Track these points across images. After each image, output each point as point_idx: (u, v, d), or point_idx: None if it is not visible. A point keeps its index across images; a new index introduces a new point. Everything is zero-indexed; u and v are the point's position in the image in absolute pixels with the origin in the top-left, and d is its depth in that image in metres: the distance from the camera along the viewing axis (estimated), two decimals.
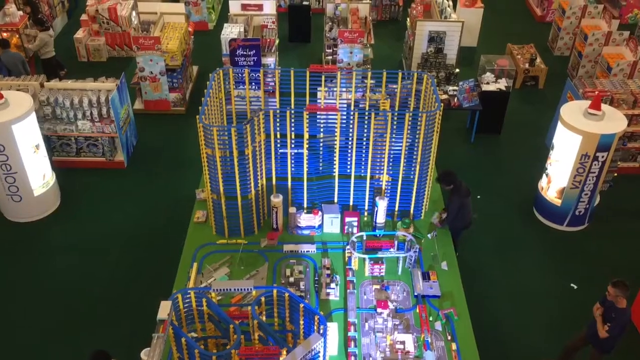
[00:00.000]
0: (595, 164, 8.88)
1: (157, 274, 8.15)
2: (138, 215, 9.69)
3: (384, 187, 7.60)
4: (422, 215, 7.91)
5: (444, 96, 11.31)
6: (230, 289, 5.62)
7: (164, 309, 5.09)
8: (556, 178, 9.36)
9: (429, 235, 7.55)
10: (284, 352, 4.98)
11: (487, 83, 11.55)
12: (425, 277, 6.93)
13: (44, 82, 10.31)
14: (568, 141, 8.94)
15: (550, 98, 12.52)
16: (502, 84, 11.53)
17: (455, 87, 11.49)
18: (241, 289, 5.65)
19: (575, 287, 8.60)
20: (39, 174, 9.38)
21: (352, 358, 5.99)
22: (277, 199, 7.37)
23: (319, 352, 5.11)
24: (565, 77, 11.73)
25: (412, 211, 7.80)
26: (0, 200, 9.47)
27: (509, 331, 7.94)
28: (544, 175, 9.64)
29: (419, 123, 7.05)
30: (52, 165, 9.84)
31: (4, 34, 12.33)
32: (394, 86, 8.06)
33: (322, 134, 7.41)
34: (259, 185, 7.42)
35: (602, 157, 8.81)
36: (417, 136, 7.17)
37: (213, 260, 7.20)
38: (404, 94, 8.10)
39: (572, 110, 9.11)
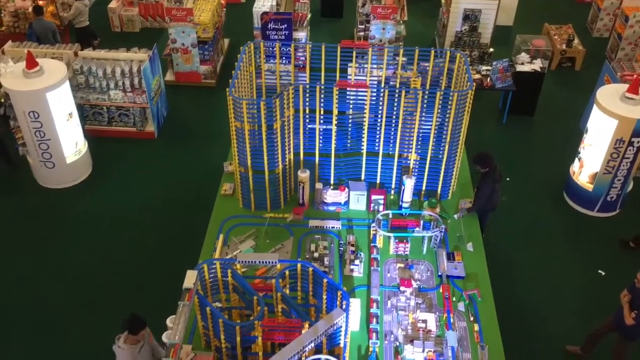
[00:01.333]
0: (630, 149, 8.68)
1: (184, 244, 8.26)
2: (166, 185, 9.82)
3: (411, 166, 7.56)
4: (449, 196, 7.85)
5: (477, 76, 11.13)
6: (255, 262, 5.68)
7: (190, 278, 5.18)
8: (589, 163, 9.19)
9: (455, 216, 7.50)
10: (306, 326, 5.03)
11: (522, 63, 11.32)
12: (450, 257, 6.91)
13: (77, 51, 10.43)
14: (603, 125, 8.75)
15: (586, 81, 12.23)
16: (537, 65, 11.29)
17: (488, 67, 11.29)
18: (266, 262, 5.71)
19: (603, 273, 8.49)
20: (71, 142, 9.56)
21: (374, 334, 6.03)
22: (304, 174, 7.39)
23: (340, 327, 5.16)
24: (603, 59, 11.43)
25: (439, 191, 7.75)
26: (34, 167, 9.69)
27: (533, 315, 7.90)
28: (576, 159, 9.47)
29: (449, 102, 6.96)
30: (84, 134, 10.01)
31: (40, 2, 12.47)
32: (426, 64, 7.96)
33: (351, 110, 7.37)
34: (287, 160, 7.44)
35: (638, 142, 8.61)
36: (447, 116, 7.09)
37: (239, 232, 7.26)
38: (436, 72, 7.99)
39: (608, 94, 8.89)
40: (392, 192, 7.87)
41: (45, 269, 8.44)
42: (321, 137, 7.39)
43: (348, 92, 7.29)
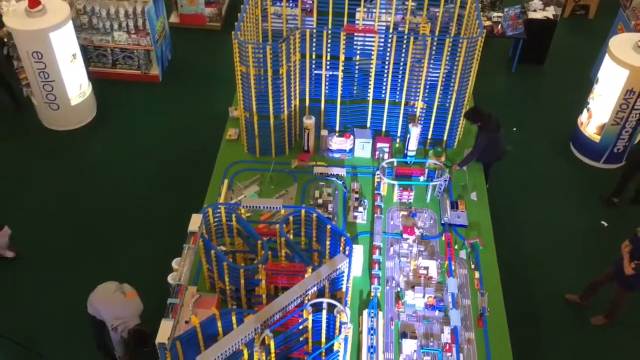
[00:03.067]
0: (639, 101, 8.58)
1: (189, 188, 8.32)
2: (171, 129, 9.81)
3: (418, 114, 7.50)
4: (455, 145, 7.82)
5: (488, 22, 10.89)
6: (259, 207, 5.73)
7: (195, 222, 5.23)
8: (597, 113, 9.10)
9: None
10: (309, 270, 5.11)
11: (534, 10, 11.06)
12: (454, 206, 6.94)
13: None
14: (614, 75, 8.62)
15: (600, 29, 11.95)
16: (550, 12, 11.03)
17: (500, 14, 11.04)
18: (270, 207, 5.75)
19: (606, 224, 8.54)
20: (75, 83, 9.50)
21: (376, 280, 6.13)
22: (309, 121, 7.35)
23: (343, 272, 5.24)
24: (617, 7, 11.13)
25: (445, 140, 7.72)
26: (39, 108, 9.67)
27: (534, 265, 8.00)
28: (585, 110, 9.37)
29: (459, 49, 6.85)
30: (88, 76, 9.93)
31: None
32: (436, 10, 7.78)
33: (358, 56, 7.27)
34: (292, 105, 7.39)
35: None
36: (456, 63, 6.98)
37: (244, 178, 7.29)
38: (446, 18, 7.82)
39: (621, 43, 8.72)
40: (398, 140, 7.84)
41: (47, 209, 8.51)
42: (327, 84, 7.32)
43: (355, 38, 7.17)
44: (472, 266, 6.38)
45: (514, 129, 9.75)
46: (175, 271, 4.96)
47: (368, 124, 7.74)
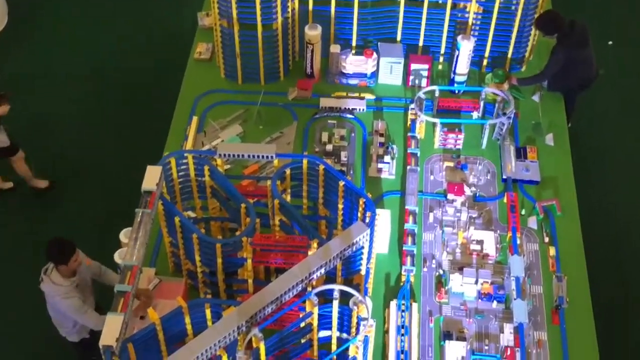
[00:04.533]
0: None
1: (142, 129, 8.32)
2: (119, 44, 9.83)
3: (470, 21, 7.44)
4: (524, 66, 7.77)
5: None
6: (243, 155, 5.71)
7: (152, 177, 5.21)
8: None
9: (534, 97, 7.46)
10: (314, 245, 5.12)
11: None
12: (521, 154, 6.94)
13: None
14: None
15: None
16: None
17: None
18: (259, 156, 5.73)
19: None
20: None
21: (408, 259, 6.15)
22: (313, 32, 7.30)
23: (362, 247, 5.24)
24: None
25: (509, 58, 7.66)
26: None
27: (632, 239, 8.04)
28: None
29: None
30: None
31: None
32: None
33: None
34: (289, 9, 7.33)
35: None
36: None
37: (220, 114, 7.29)
38: None
39: None
40: (441, 59, 7.81)
41: None
42: None
43: None
44: (546, 239, 6.40)
45: (610, 42, 9.69)
46: (125, 246, 4.98)
47: (398, 37, 7.68)
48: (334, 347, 5.23)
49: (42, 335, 6.65)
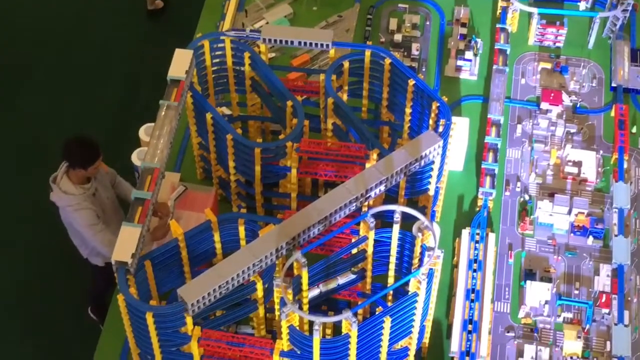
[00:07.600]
0: None
1: (168, 6, 8.32)
2: None
3: None
4: None
5: None
6: (292, 42, 5.68)
7: (181, 63, 5.23)
8: None
9: None
10: (374, 156, 5.11)
11: None
12: (637, 57, 6.81)
13: None
14: None
15: None
16: None
17: None
18: (311, 44, 5.70)
19: None
20: None
21: (488, 180, 6.14)
22: None
23: (432, 162, 5.23)
24: None
25: None
26: None
27: None
28: None
29: None
30: None
31: None
32: None
33: None
34: None
35: None
36: None
37: None
38: None
39: None
40: None
41: None
42: None
43: None
44: None
45: None
46: (145, 145, 5.01)
47: None
48: (390, 279, 5.26)
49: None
